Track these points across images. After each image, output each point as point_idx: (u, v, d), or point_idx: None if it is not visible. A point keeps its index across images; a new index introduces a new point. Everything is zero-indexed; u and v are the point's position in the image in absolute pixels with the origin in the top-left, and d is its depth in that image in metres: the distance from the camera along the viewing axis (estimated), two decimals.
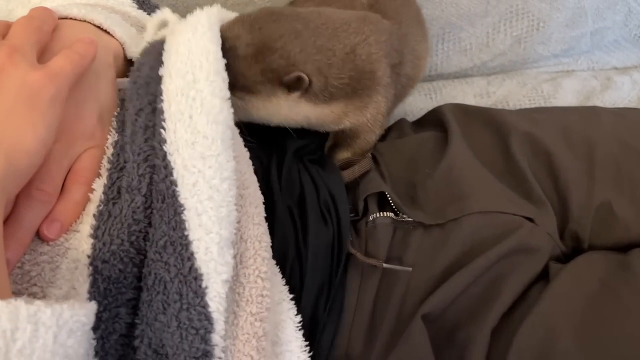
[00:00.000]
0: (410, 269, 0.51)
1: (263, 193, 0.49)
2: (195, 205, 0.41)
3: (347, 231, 0.53)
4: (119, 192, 0.43)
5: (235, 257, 0.42)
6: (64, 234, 0.41)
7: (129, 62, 0.54)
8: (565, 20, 0.84)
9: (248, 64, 0.51)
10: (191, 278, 0.39)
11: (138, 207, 0.42)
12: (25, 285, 0.39)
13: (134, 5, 0.64)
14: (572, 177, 0.58)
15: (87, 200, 0.43)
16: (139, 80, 0.46)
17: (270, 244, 0.46)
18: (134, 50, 0.53)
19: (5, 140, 0.36)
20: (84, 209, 0.43)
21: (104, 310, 0.40)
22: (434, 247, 0.54)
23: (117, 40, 0.53)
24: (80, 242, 0.41)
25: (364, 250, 0.54)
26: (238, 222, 0.44)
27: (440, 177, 0.58)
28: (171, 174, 0.41)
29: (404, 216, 0.55)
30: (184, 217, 0.40)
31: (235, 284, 0.43)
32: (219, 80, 0.44)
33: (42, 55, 0.44)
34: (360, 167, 0.59)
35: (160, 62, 0.46)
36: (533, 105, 0.81)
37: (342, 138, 0.62)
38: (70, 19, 0.52)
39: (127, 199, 0.42)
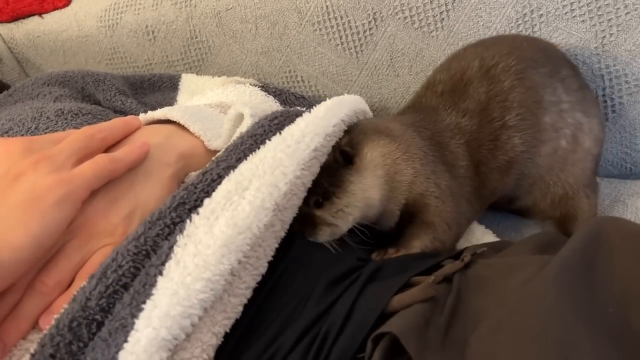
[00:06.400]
0: None
1: None
2: (158, 297, 0.39)
3: None
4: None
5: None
6: None
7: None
8: None
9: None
10: None
11: (91, 296, 0.40)
12: None
13: (265, 94, 0.72)
14: None
15: None
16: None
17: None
18: (217, 143, 0.57)
19: None
20: None
21: None
22: None
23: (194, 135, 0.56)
24: None
25: None
26: (193, 326, 0.40)
27: (499, 323, 0.40)
28: (163, 265, 0.41)
29: None
30: (143, 306, 0.39)
31: None
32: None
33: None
34: (420, 291, 0.45)
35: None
36: None
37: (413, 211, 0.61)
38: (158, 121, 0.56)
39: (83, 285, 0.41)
